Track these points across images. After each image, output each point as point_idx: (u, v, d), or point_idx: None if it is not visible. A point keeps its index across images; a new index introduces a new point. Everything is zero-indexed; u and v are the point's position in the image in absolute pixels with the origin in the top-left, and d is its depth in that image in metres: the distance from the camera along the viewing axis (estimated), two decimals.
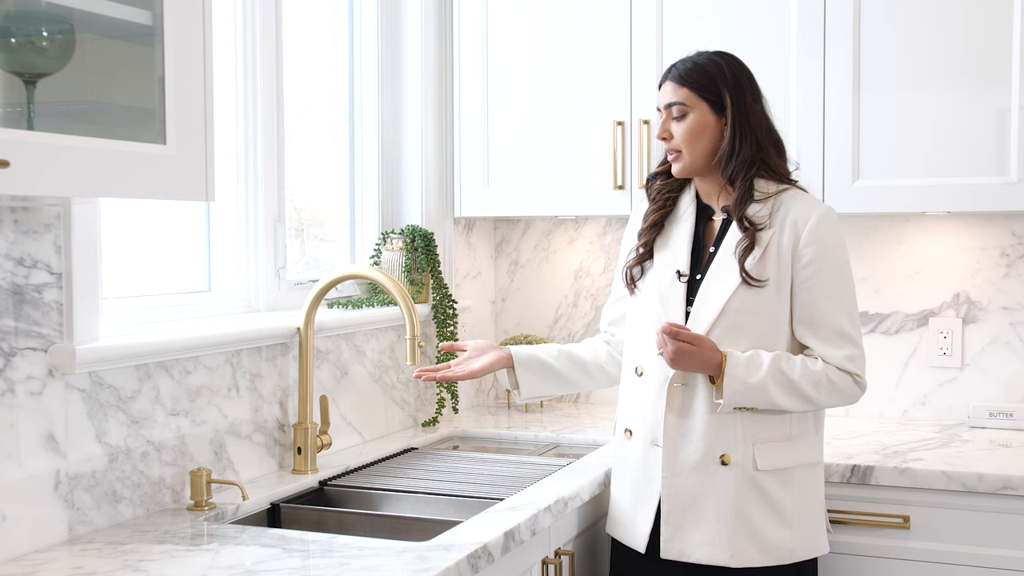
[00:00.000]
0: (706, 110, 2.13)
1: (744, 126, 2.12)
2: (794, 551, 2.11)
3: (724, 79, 2.13)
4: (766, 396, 2.05)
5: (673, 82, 2.16)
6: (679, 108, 2.14)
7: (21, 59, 1.53)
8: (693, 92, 2.13)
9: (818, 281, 2.09)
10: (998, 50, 2.54)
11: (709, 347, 2.05)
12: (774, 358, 2.06)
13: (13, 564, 1.72)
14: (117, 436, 1.96)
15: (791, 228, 2.09)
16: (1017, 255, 2.86)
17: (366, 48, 2.98)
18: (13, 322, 1.76)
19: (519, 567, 1.99)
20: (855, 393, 2.11)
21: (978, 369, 2.90)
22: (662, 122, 2.17)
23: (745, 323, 2.09)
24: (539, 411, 3.18)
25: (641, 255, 2.23)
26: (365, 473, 2.46)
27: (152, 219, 2.32)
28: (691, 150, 2.14)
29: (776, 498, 2.10)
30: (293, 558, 1.75)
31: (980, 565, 2.33)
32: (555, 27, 2.95)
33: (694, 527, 2.09)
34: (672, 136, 2.15)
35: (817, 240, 2.09)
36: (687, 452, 2.11)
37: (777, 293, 2.09)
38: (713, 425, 2.09)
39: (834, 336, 2.09)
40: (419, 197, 3.03)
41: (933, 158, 2.61)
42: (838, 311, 2.09)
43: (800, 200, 2.13)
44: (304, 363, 2.39)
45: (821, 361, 2.08)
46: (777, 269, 2.09)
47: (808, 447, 2.15)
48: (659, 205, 2.24)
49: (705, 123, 2.13)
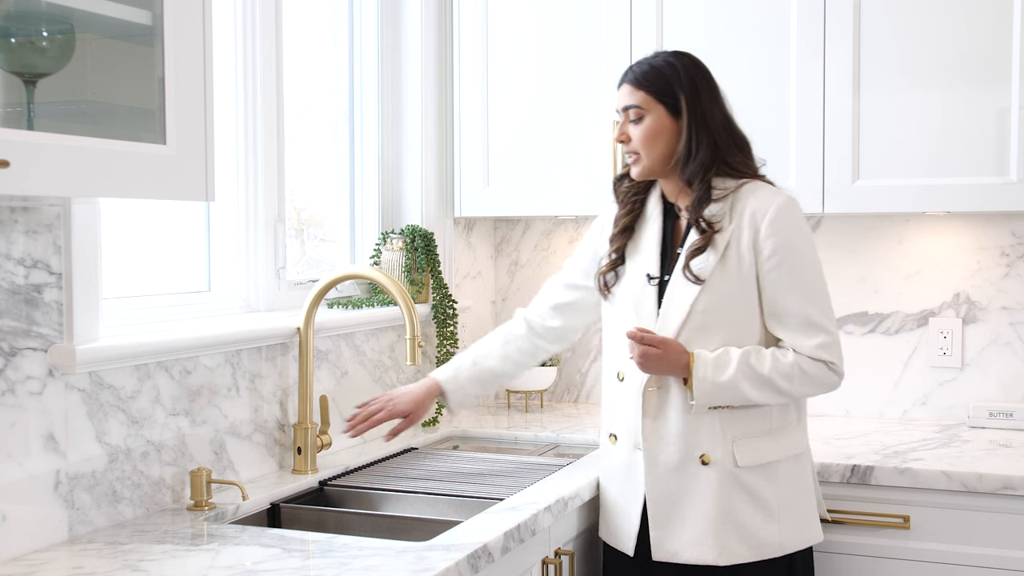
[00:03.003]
0: (662, 113, 2.12)
1: (701, 128, 2.11)
2: (784, 544, 2.11)
3: (679, 81, 2.12)
4: (738, 393, 2.05)
5: (629, 85, 2.15)
6: (636, 111, 2.13)
7: (21, 59, 1.53)
8: (649, 95, 2.12)
9: (781, 273, 2.07)
10: (998, 50, 2.54)
11: (676, 349, 2.06)
12: (743, 354, 2.05)
13: (13, 564, 1.72)
14: (117, 436, 1.96)
15: (750, 222, 2.08)
16: (1017, 255, 2.86)
17: (366, 48, 2.98)
18: (13, 322, 1.76)
19: (519, 567, 1.99)
20: (832, 381, 2.10)
21: (978, 369, 2.90)
22: (620, 125, 2.16)
23: (713, 322, 2.08)
24: (539, 411, 3.19)
25: (614, 260, 2.23)
26: (365, 473, 2.46)
27: (152, 219, 2.32)
28: (648, 153, 2.13)
29: (761, 494, 2.10)
30: (293, 558, 1.75)
31: (980, 565, 2.33)
32: (555, 27, 2.95)
33: (680, 528, 2.10)
34: (630, 139, 2.15)
35: (777, 232, 2.07)
36: (667, 454, 2.12)
37: (742, 289, 2.08)
38: (690, 426, 2.10)
39: (803, 326, 2.08)
40: (419, 197, 3.03)
41: (933, 158, 2.61)
42: (804, 301, 2.08)
43: (758, 192, 2.11)
44: (304, 363, 2.39)
45: (792, 352, 2.07)
46: (739, 265, 2.08)
47: (791, 439, 2.16)
48: (628, 208, 2.24)
49: (662, 126, 2.12)
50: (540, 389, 3.19)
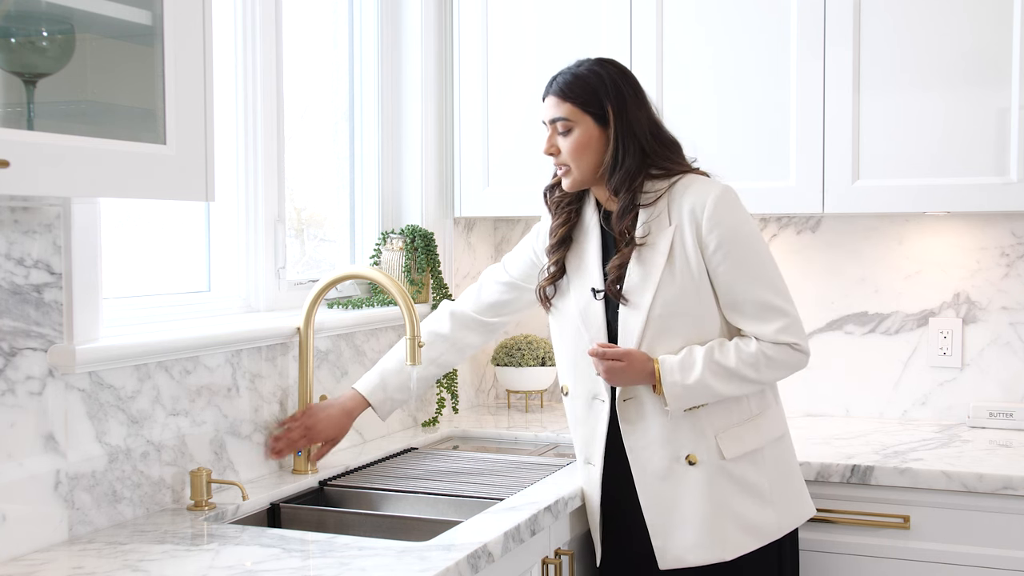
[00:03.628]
0: (590, 123, 2.09)
1: (628, 136, 2.08)
2: (781, 525, 2.13)
3: (605, 90, 2.09)
4: (709, 391, 2.05)
5: (555, 96, 2.12)
6: (563, 124, 2.10)
7: (21, 59, 1.53)
8: (575, 106, 2.09)
9: (730, 264, 2.06)
10: (998, 50, 2.54)
11: (639, 359, 2.06)
12: (707, 351, 2.05)
13: (13, 564, 1.72)
14: (117, 436, 1.96)
15: (690, 218, 2.06)
16: (1017, 255, 2.86)
17: (366, 48, 2.98)
18: (13, 322, 1.76)
19: (519, 567, 1.99)
20: (798, 360, 2.09)
21: (978, 369, 2.90)
22: (548, 137, 2.13)
23: (673, 325, 2.08)
24: (539, 411, 3.19)
25: (553, 274, 2.21)
26: (365, 473, 2.46)
27: (152, 219, 2.32)
28: (578, 165, 2.11)
29: (752, 481, 2.10)
30: (293, 558, 1.75)
31: (980, 565, 2.33)
32: (555, 27, 2.95)
33: (682, 532, 2.10)
34: (559, 151, 2.12)
35: (718, 224, 2.05)
36: (652, 461, 2.11)
37: (697, 288, 2.07)
38: (670, 429, 2.10)
39: (761, 312, 2.07)
40: (419, 197, 3.03)
41: (934, 158, 2.61)
42: (758, 287, 2.07)
43: (693, 187, 2.09)
44: (304, 363, 2.39)
45: (755, 340, 2.07)
46: (687, 264, 2.06)
47: (772, 423, 2.16)
48: (564, 219, 2.21)
49: (590, 136, 2.09)
50: (540, 389, 3.19)
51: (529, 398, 3.21)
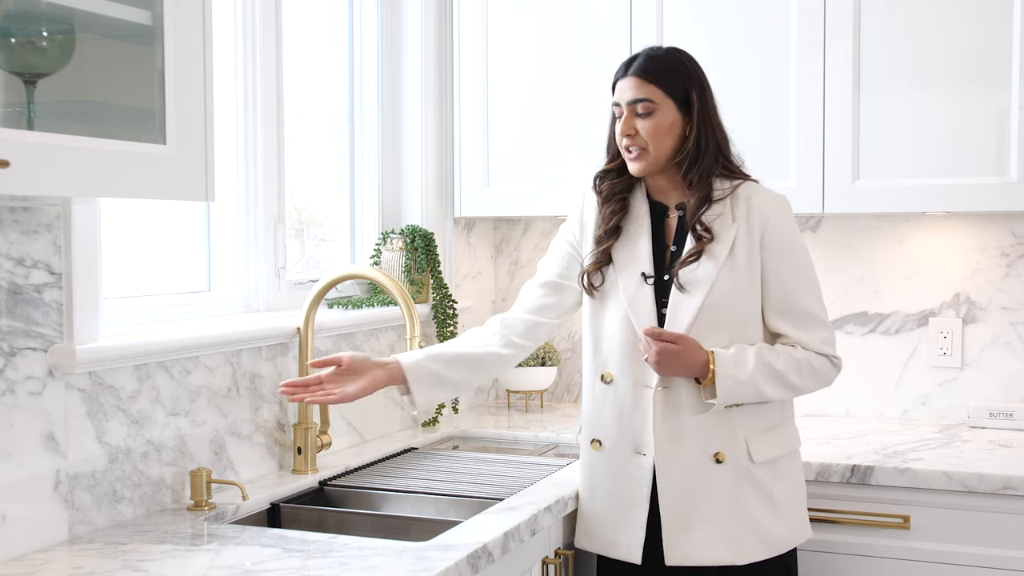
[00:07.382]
0: (672, 108, 2.09)
1: (707, 128, 2.09)
2: (788, 539, 2.13)
3: (689, 77, 2.10)
4: (756, 390, 2.05)
5: (637, 77, 2.09)
6: (645, 105, 2.08)
7: (21, 59, 1.53)
8: (659, 88, 2.08)
9: (789, 270, 2.09)
10: (998, 50, 2.54)
11: (693, 346, 2.04)
12: (758, 350, 2.06)
13: (13, 564, 1.72)
14: (117, 436, 1.96)
15: (756, 219, 2.09)
16: (1017, 255, 2.86)
17: (366, 48, 2.98)
18: (13, 322, 1.76)
19: (519, 567, 1.99)
20: (833, 375, 2.13)
21: (978, 369, 2.90)
22: (625, 118, 2.10)
23: (722, 318, 2.08)
24: (539, 411, 3.18)
25: (599, 260, 2.17)
26: (365, 473, 2.46)
27: (152, 219, 2.32)
28: (657, 148, 2.09)
29: (770, 489, 2.10)
30: (293, 558, 1.75)
31: (980, 565, 2.33)
32: (555, 27, 2.95)
33: (696, 529, 2.08)
34: (637, 132, 2.10)
35: (783, 229, 2.10)
36: (680, 455, 2.09)
37: (750, 286, 2.09)
38: (704, 425, 2.08)
39: (808, 322, 2.10)
40: (419, 197, 3.03)
41: (933, 158, 2.61)
42: (808, 297, 2.11)
43: (758, 192, 2.13)
44: (304, 363, 2.39)
45: (800, 348, 2.09)
46: (744, 262, 2.08)
47: (791, 434, 2.18)
48: (616, 207, 2.18)
49: (672, 121, 2.09)
50: (540, 389, 3.19)
51: (529, 398, 3.21)
